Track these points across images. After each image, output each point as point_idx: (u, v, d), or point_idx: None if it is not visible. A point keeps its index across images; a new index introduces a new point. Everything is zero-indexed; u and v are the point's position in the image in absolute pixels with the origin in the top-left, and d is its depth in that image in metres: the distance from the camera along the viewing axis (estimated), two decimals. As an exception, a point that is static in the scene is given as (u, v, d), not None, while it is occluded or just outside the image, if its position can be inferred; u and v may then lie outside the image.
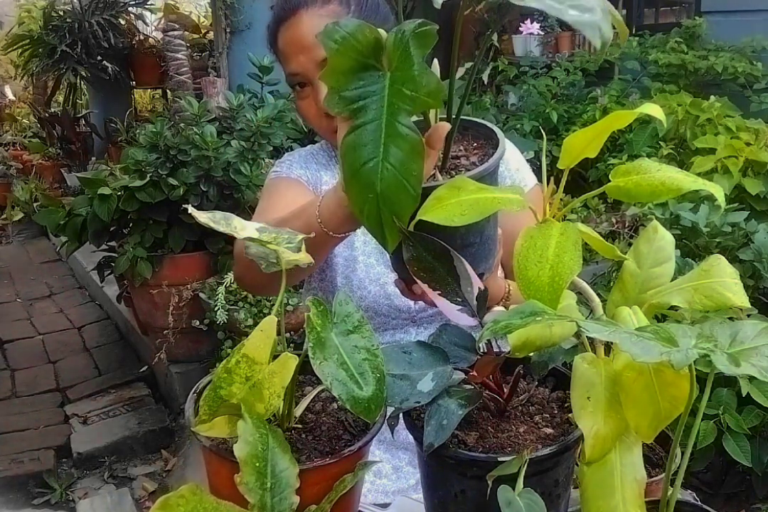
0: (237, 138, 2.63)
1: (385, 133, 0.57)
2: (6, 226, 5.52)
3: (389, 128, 0.58)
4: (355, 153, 0.59)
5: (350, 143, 0.59)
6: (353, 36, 0.59)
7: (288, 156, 1.35)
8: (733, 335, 0.56)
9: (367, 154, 0.58)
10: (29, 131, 6.66)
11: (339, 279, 1.28)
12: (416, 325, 1.29)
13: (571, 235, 0.61)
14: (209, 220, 0.64)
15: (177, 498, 0.53)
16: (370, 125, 0.59)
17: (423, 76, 0.57)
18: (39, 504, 2.52)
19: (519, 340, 0.61)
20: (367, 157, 0.58)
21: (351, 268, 1.27)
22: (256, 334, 0.60)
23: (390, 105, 0.58)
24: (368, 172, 0.59)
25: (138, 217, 2.68)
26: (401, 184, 0.59)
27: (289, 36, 1.18)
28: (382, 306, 1.27)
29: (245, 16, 3.90)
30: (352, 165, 0.59)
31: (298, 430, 0.67)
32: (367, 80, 0.59)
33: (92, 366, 3.41)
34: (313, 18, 1.15)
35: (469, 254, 0.72)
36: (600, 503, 0.58)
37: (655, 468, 0.83)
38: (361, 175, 0.59)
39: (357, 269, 1.27)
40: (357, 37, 0.59)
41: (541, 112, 3.68)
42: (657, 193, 0.62)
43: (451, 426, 0.62)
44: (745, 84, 3.47)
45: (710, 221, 2.12)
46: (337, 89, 0.60)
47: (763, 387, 1.76)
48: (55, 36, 5.17)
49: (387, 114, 0.58)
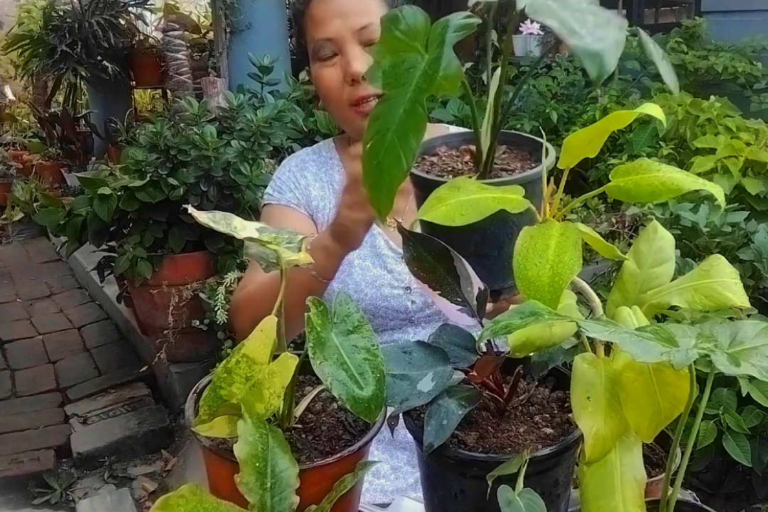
0: (237, 138, 2.63)
1: (404, 109, 0.62)
2: (6, 226, 5.52)
3: (408, 105, 0.62)
4: (377, 122, 0.64)
5: (376, 113, 0.64)
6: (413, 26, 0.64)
7: (280, 172, 1.38)
8: (733, 335, 0.56)
9: (383, 125, 0.63)
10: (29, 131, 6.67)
11: (335, 283, 1.27)
12: (414, 325, 1.29)
13: (571, 235, 0.61)
14: (209, 220, 0.64)
15: (177, 498, 0.53)
16: (395, 100, 0.63)
17: (445, 60, 0.61)
18: (39, 504, 2.52)
19: (519, 340, 0.61)
20: (382, 127, 0.63)
21: (347, 272, 1.28)
22: (256, 334, 0.60)
23: (417, 85, 0.63)
24: (378, 141, 0.63)
25: (138, 217, 2.67)
26: (398, 155, 0.63)
27: (329, 0, 1.21)
28: (380, 308, 1.27)
29: (245, 16, 3.89)
30: (370, 133, 0.64)
31: (298, 430, 0.67)
32: (408, 62, 0.64)
33: (92, 366, 3.41)
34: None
35: (484, 266, 0.71)
36: (600, 503, 0.58)
37: (655, 468, 0.83)
38: (373, 142, 0.64)
39: (353, 273, 1.28)
40: (416, 27, 0.64)
41: (541, 112, 3.68)
42: (657, 193, 0.62)
43: (451, 426, 0.62)
44: (745, 84, 3.47)
45: (710, 221, 2.12)
46: (381, 65, 0.65)
47: (763, 387, 1.76)
48: (55, 36, 5.17)
49: (412, 92, 0.62)
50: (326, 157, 1.38)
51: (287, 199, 1.32)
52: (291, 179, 1.34)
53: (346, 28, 1.19)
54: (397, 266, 1.28)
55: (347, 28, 1.19)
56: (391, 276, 1.28)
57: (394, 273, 1.29)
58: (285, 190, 1.33)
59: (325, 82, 1.23)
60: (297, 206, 1.32)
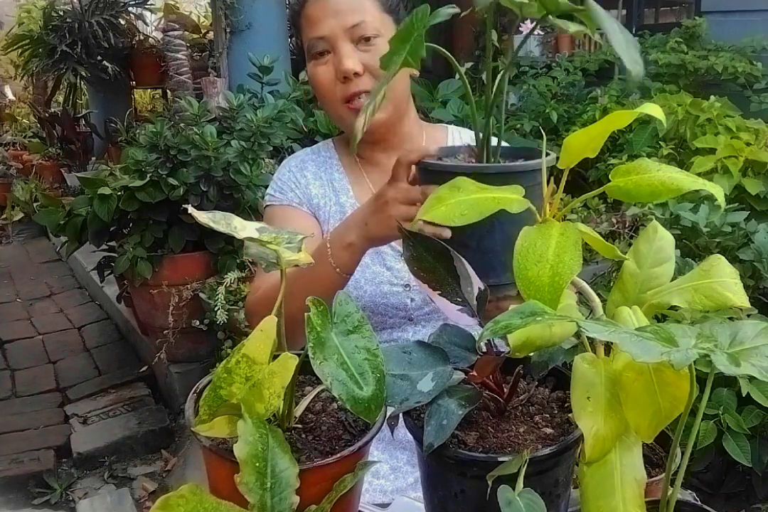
0: (237, 138, 2.63)
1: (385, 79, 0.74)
2: (6, 226, 5.52)
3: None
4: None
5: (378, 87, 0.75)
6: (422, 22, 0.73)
7: (280, 173, 1.39)
8: (733, 335, 0.56)
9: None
10: (29, 131, 6.67)
11: None
12: (413, 324, 1.29)
13: (571, 235, 0.61)
14: (209, 220, 0.64)
15: (177, 498, 0.53)
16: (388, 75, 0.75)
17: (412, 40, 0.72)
18: (39, 504, 2.52)
19: (519, 340, 0.61)
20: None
21: None
22: (256, 334, 0.60)
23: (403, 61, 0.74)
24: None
25: (138, 217, 2.67)
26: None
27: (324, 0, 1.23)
28: (379, 305, 1.27)
29: (245, 16, 3.89)
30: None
31: (298, 430, 0.67)
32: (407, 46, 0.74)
33: (92, 366, 3.41)
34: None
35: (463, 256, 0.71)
36: (600, 503, 0.58)
37: (655, 468, 0.83)
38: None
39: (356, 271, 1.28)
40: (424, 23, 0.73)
41: (541, 112, 3.68)
42: (657, 193, 0.62)
43: (451, 426, 0.62)
44: (745, 84, 3.48)
45: (710, 221, 2.12)
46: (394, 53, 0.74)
47: (763, 387, 1.76)
48: (55, 36, 5.17)
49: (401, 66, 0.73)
50: (325, 156, 1.38)
51: (289, 199, 1.33)
52: (291, 179, 1.34)
53: (339, 27, 1.21)
54: (397, 263, 1.29)
55: (339, 26, 1.21)
56: (391, 274, 1.29)
57: (393, 270, 1.29)
58: (286, 190, 1.34)
59: (319, 80, 1.25)
60: (299, 205, 1.33)
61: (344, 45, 1.22)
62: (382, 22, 1.23)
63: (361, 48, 1.22)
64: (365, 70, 1.22)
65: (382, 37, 1.22)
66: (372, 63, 1.21)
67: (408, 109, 1.31)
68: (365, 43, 1.22)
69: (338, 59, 1.22)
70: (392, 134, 1.30)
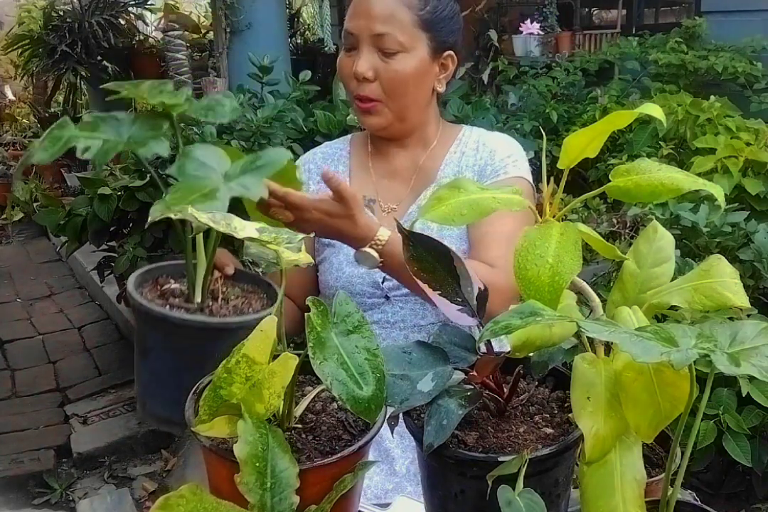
0: (237, 138, 2.63)
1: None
2: (6, 226, 5.51)
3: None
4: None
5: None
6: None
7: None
8: (733, 335, 0.56)
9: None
10: (29, 131, 6.66)
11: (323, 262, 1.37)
12: (391, 304, 1.32)
13: (571, 235, 0.61)
14: (209, 220, 0.65)
15: (177, 498, 0.53)
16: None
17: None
18: (39, 504, 2.52)
19: (519, 340, 0.61)
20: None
21: (335, 252, 1.35)
22: (256, 334, 0.60)
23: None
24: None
25: (138, 216, 2.67)
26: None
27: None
28: (355, 285, 1.32)
29: (245, 16, 3.89)
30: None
31: (298, 430, 0.67)
32: None
33: (92, 366, 3.41)
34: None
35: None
36: (600, 503, 0.58)
37: (655, 468, 0.83)
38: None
39: (339, 253, 1.34)
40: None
41: (541, 112, 3.67)
42: (657, 193, 0.62)
43: (451, 426, 0.62)
44: (745, 84, 3.47)
45: (710, 221, 2.12)
46: None
47: (763, 387, 1.76)
48: (55, 36, 5.17)
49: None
50: (337, 148, 1.44)
51: None
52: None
53: (366, 29, 1.25)
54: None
55: (367, 29, 1.25)
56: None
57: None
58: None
59: (342, 70, 1.31)
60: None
61: (366, 48, 1.26)
62: (411, 37, 1.25)
63: (381, 57, 1.25)
64: (376, 78, 1.25)
65: (404, 54, 1.25)
66: (385, 74, 1.25)
67: (421, 114, 1.35)
68: (384, 55, 1.25)
69: (357, 59, 1.26)
70: (400, 134, 1.35)
